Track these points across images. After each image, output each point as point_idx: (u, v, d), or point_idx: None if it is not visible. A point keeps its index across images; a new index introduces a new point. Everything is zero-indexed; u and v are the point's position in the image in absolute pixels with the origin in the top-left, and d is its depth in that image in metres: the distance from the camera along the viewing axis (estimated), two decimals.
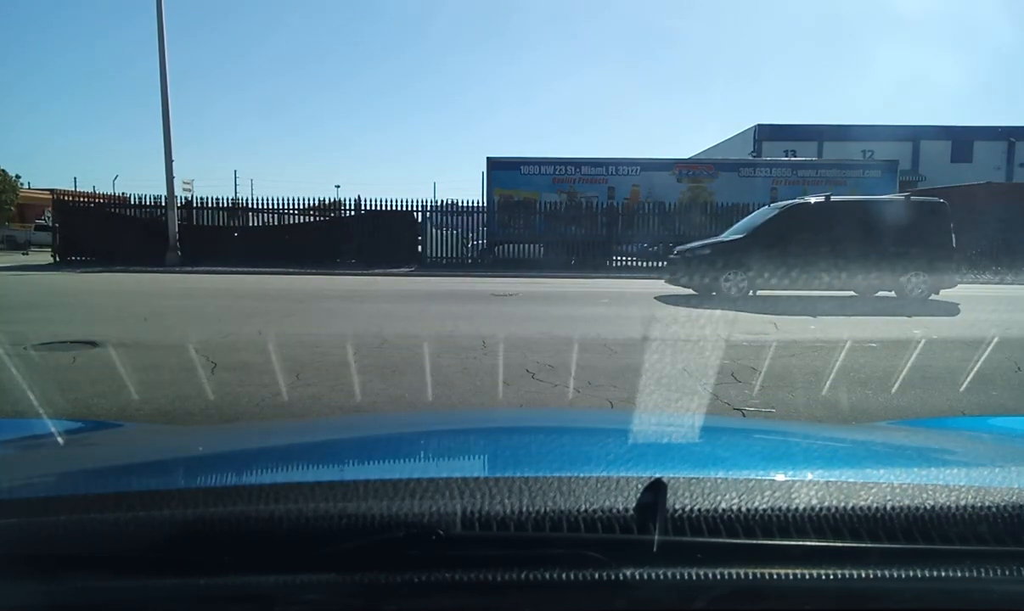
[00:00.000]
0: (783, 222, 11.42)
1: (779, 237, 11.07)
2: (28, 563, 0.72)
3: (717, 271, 10.98)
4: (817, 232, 11.03)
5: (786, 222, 11.39)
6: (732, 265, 11.00)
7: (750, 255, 10.92)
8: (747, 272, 10.94)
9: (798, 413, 4.40)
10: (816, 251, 10.68)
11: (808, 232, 11.04)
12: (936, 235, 11.33)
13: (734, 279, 10.96)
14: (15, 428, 1.48)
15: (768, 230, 11.34)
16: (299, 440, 1.38)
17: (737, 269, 10.97)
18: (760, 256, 10.80)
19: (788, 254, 10.67)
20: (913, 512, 0.76)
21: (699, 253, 11.46)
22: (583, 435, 1.41)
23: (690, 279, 11.29)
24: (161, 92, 18.69)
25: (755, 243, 11.11)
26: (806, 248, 10.72)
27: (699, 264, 11.16)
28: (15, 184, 35.40)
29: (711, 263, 11.11)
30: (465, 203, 21.83)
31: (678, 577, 0.70)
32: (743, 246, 11.20)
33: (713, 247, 11.57)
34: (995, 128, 34.94)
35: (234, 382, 5.01)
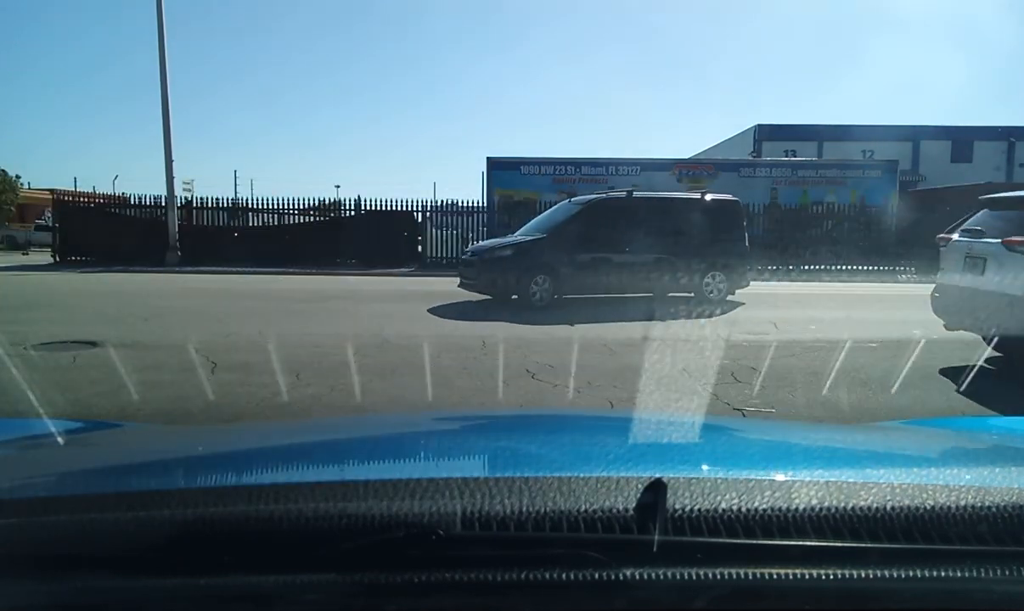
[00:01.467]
0: (585, 220, 10.32)
1: (582, 236, 10.07)
2: (28, 563, 0.72)
3: (519, 274, 9.78)
4: (621, 231, 10.14)
5: (588, 220, 10.32)
6: (535, 268, 9.82)
7: (552, 256, 9.92)
8: (550, 275, 9.84)
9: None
10: (620, 251, 10.08)
11: (611, 230, 10.12)
12: (731, 234, 10.88)
13: (537, 284, 9.78)
14: (15, 428, 1.47)
15: (570, 228, 10.21)
16: (299, 440, 1.38)
17: (539, 272, 9.81)
18: (563, 258, 9.89)
19: (592, 255, 10.02)
20: (913, 512, 0.76)
21: (499, 254, 10.25)
22: (583, 435, 1.41)
23: (488, 283, 10.09)
24: (161, 92, 18.70)
25: (557, 243, 10.02)
26: (610, 248, 10.08)
27: (498, 267, 10.01)
28: (15, 184, 35.38)
29: (512, 265, 9.91)
30: (465, 203, 21.83)
31: (678, 577, 0.70)
32: (545, 246, 10.05)
33: (516, 248, 10.26)
34: (995, 128, 34.92)
35: (234, 382, 5.01)
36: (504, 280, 9.91)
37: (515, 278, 9.81)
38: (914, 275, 17.93)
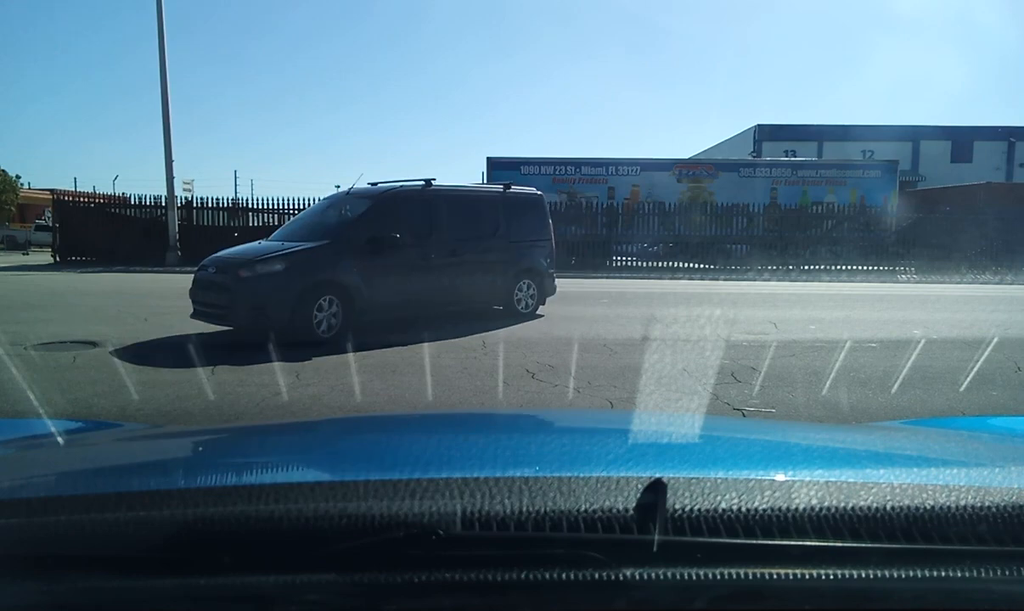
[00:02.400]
0: (377, 219, 7.65)
1: (376, 241, 7.41)
2: (28, 563, 0.72)
3: (297, 297, 6.79)
4: (420, 231, 7.89)
5: (380, 218, 7.66)
6: (320, 287, 6.99)
7: (342, 269, 7.19)
8: (340, 295, 7.09)
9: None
10: (423, 258, 7.81)
11: (409, 232, 7.72)
12: (539, 234, 9.26)
13: (323, 309, 6.94)
14: (15, 428, 1.48)
15: (360, 230, 7.50)
16: (299, 440, 1.38)
17: (326, 292, 6.99)
18: (355, 270, 7.24)
19: (390, 264, 7.50)
20: (913, 512, 0.76)
21: (264, 269, 6.94)
22: (583, 435, 1.41)
23: (248, 312, 6.74)
24: (161, 93, 18.70)
25: (346, 250, 7.30)
26: (410, 255, 7.71)
27: (265, 287, 6.81)
28: (15, 184, 35.39)
29: (286, 285, 6.81)
30: None
31: (678, 577, 0.70)
32: (330, 255, 7.23)
33: (289, 259, 7.04)
34: (995, 128, 34.94)
35: (234, 382, 5.01)
36: (275, 307, 6.67)
37: (291, 303, 6.72)
38: (914, 275, 17.97)
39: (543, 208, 9.51)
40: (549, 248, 9.39)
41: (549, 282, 9.30)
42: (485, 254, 8.55)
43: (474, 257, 8.38)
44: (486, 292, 8.59)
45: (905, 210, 21.69)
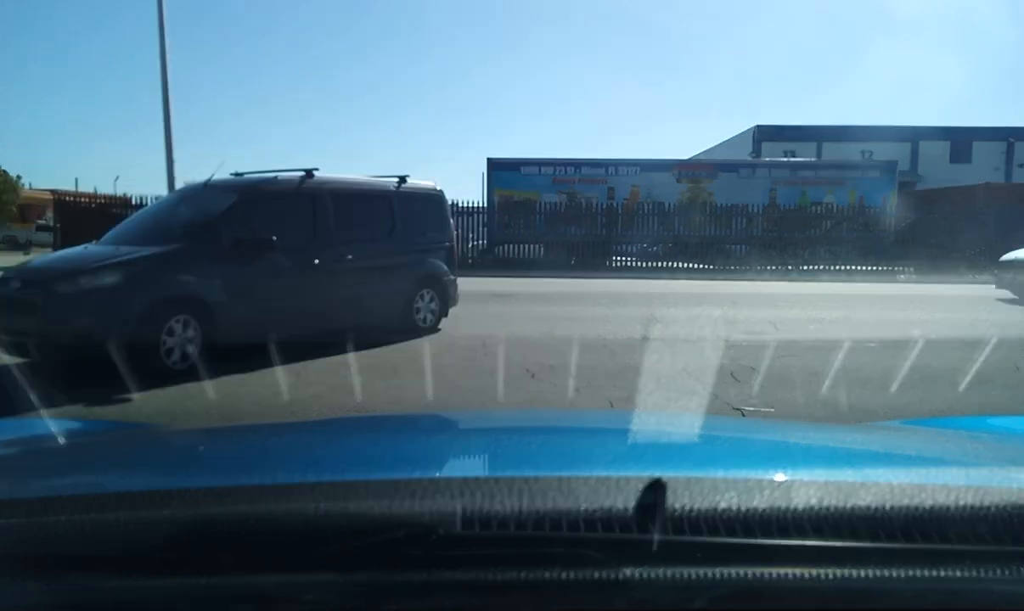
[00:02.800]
0: (243, 218, 6.14)
1: (242, 246, 5.92)
2: (28, 563, 0.72)
3: (141, 316, 5.28)
4: (297, 234, 6.44)
5: (247, 218, 6.16)
6: (171, 304, 5.54)
7: (200, 280, 5.76)
8: (197, 314, 5.58)
9: None
10: (303, 267, 6.39)
11: (284, 235, 6.18)
12: (440, 235, 8.01)
13: (177, 332, 5.43)
14: (15, 428, 1.48)
15: (222, 232, 5.94)
16: (299, 440, 1.38)
17: (179, 310, 5.52)
18: (216, 281, 5.80)
19: (260, 274, 6.06)
20: (913, 512, 0.76)
21: (94, 282, 5.42)
22: (583, 435, 1.41)
23: (75, 335, 5.10)
24: (162, 93, 18.70)
25: (204, 257, 5.85)
26: (286, 263, 6.26)
27: (97, 305, 5.28)
28: (16, 184, 35.39)
29: (126, 301, 5.34)
30: (465, 203, 21.82)
31: (678, 577, 0.70)
32: (184, 263, 5.79)
33: (129, 269, 5.55)
34: (994, 128, 34.95)
35: (234, 382, 5.01)
36: (107, 332, 4.75)
37: (131, 326, 5.12)
38: (913, 275, 17.97)
39: (443, 205, 8.28)
40: (450, 251, 8.19)
41: (453, 290, 8.02)
42: (379, 259, 7.20)
43: (366, 263, 7.00)
44: (381, 305, 7.13)
45: (904, 210, 21.70)
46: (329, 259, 6.60)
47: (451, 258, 8.15)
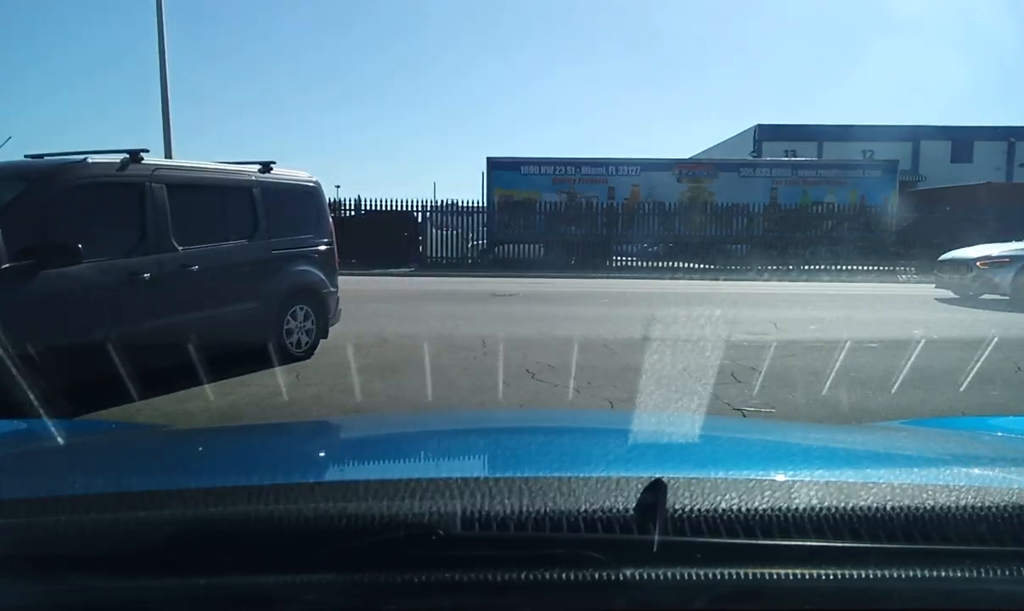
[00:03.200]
0: (38, 215, 4.53)
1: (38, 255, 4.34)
2: (28, 563, 0.72)
3: None
4: (126, 240, 4.96)
5: (45, 216, 4.55)
6: None
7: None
8: None
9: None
10: (127, 281, 4.78)
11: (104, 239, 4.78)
12: (316, 237, 6.43)
13: None
14: (15, 428, 1.48)
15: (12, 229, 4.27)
16: (299, 440, 1.38)
17: None
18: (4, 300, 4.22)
19: (64, 293, 4.45)
20: (913, 512, 0.76)
21: None
22: (583, 435, 1.41)
23: None
24: (161, 93, 18.70)
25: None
26: (102, 276, 4.68)
27: None
28: None
29: None
30: (465, 203, 21.84)
31: (678, 577, 0.70)
32: None
33: None
34: (995, 128, 34.92)
35: (234, 382, 5.01)
36: None
37: None
38: (914, 275, 17.96)
39: (320, 200, 6.70)
40: (330, 257, 6.58)
41: (333, 304, 6.52)
42: (236, 269, 5.65)
43: (218, 275, 5.44)
44: (239, 326, 5.50)
45: (905, 210, 21.69)
46: (164, 271, 4.98)
47: (331, 265, 6.58)
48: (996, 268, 10.79)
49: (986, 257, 11.10)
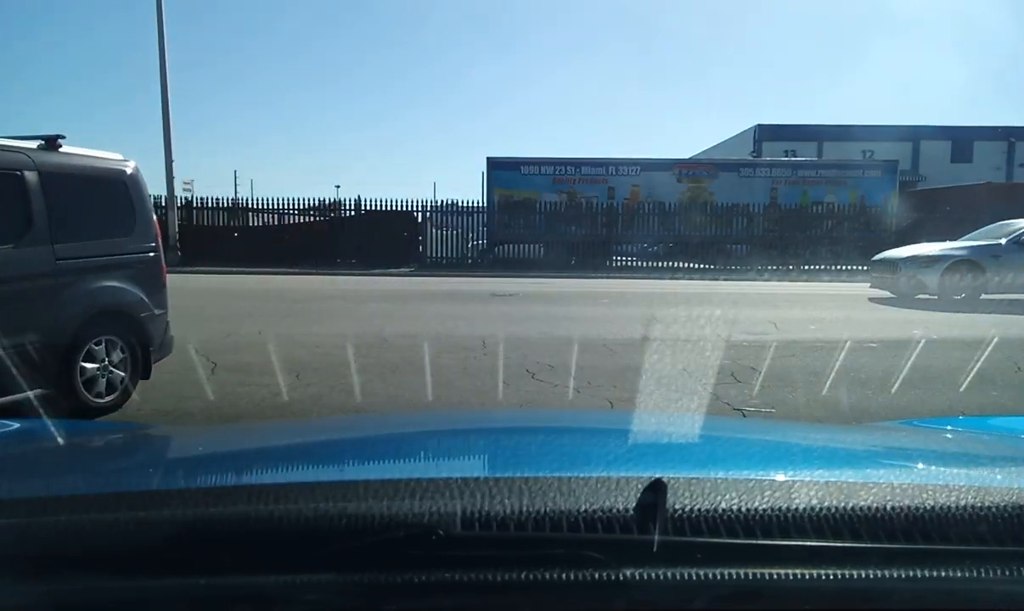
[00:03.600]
0: None
1: None
2: (28, 563, 0.72)
3: None
4: None
5: None
6: None
7: None
8: None
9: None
10: None
11: None
12: (124, 239, 4.78)
13: None
14: (15, 428, 1.48)
15: None
16: (299, 440, 1.38)
17: None
18: None
19: None
20: (913, 512, 0.76)
21: None
22: (583, 435, 1.41)
23: None
24: (161, 92, 18.70)
25: None
26: None
27: None
28: None
29: None
30: (465, 203, 21.84)
31: (678, 577, 0.70)
32: None
33: None
34: (995, 128, 34.92)
35: (234, 382, 5.01)
36: None
37: None
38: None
39: (138, 191, 4.95)
40: (154, 268, 5.00)
41: (159, 331, 4.89)
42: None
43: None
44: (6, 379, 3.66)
45: (905, 210, 21.68)
46: None
47: (155, 278, 4.98)
48: (923, 268, 10.95)
49: (914, 257, 11.27)
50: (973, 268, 10.76)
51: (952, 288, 10.64)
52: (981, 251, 11.05)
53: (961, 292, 10.63)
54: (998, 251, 10.97)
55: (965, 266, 10.78)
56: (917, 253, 11.38)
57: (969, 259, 10.87)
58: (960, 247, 11.42)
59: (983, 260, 10.84)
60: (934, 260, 10.94)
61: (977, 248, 11.22)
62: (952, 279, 10.67)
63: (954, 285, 10.64)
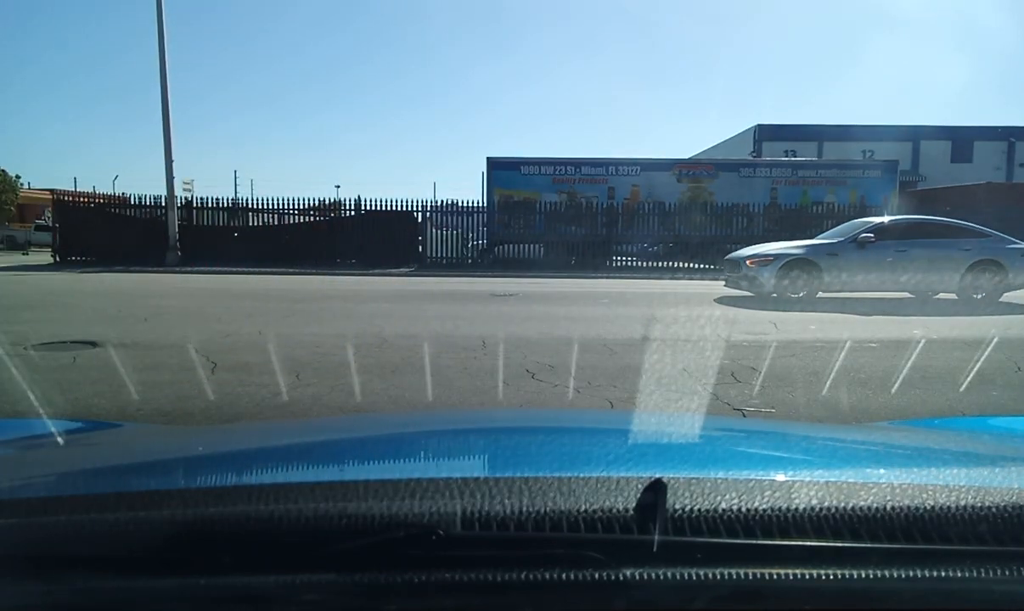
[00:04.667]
0: None
1: None
2: (28, 563, 0.72)
3: None
4: None
5: None
6: None
7: None
8: None
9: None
10: None
11: None
12: None
13: None
14: (15, 428, 1.48)
15: None
16: (299, 440, 1.38)
17: None
18: None
19: None
20: (913, 512, 0.76)
21: None
22: (583, 435, 1.41)
23: None
24: (161, 92, 18.69)
25: None
26: None
27: None
28: (15, 184, 35.38)
29: None
30: (465, 203, 21.85)
31: (678, 577, 0.70)
32: None
33: None
34: (995, 128, 34.92)
35: (234, 382, 5.01)
36: None
37: None
38: None
39: None
40: None
41: None
42: None
43: None
44: None
45: (905, 210, 21.69)
46: None
47: None
48: (761, 267, 11.07)
49: (753, 255, 11.45)
50: (809, 267, 10.91)
51: (789, 287, 10.77)
52: (817, 250, 11.23)
53: (799, 291, 10.77)
54: (834, 250, 11.15)
55: (800, 265, 10.93)
56: (756, 252, 11.58)
57: (805, 258, 11.03)
58: (797, 246, 11.60)
59: (819, 259, 11.00)
60: (770, 259, 11.08)
61: (813, 247, 11.42)
62: (788, 278, 10.80)
63: (791, 284, 10.79)
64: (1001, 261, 11.03)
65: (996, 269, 10.97)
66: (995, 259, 11.05)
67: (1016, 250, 11.25)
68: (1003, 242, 11.40)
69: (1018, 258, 11.15)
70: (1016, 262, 11.09)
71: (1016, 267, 11.04)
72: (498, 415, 2.77)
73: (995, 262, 11.02)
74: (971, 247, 11.14)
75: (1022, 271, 11.11)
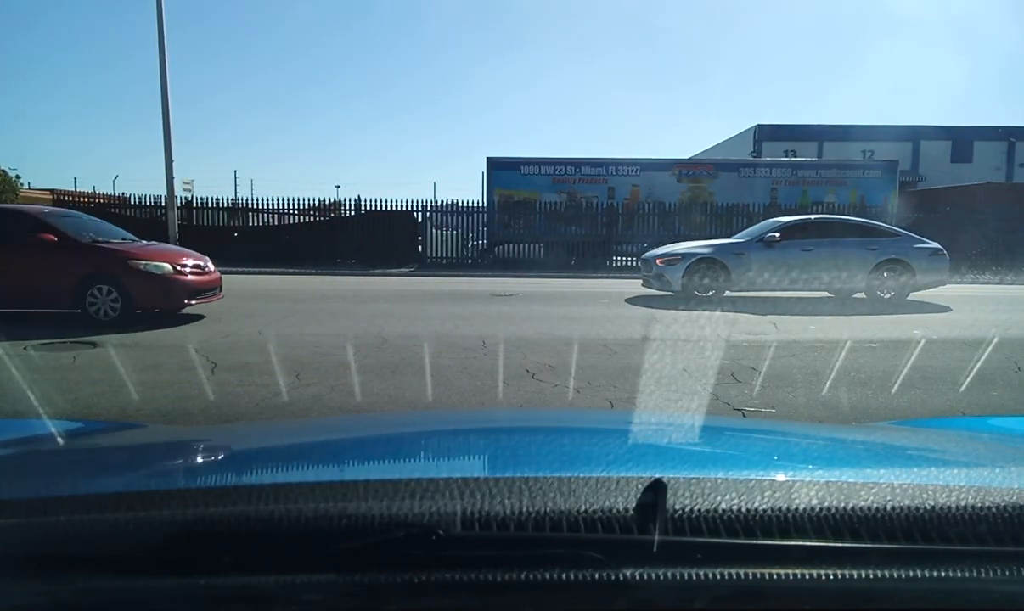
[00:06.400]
0: None
1: None
2: (28, 563, 0.72)
3: None
4: None
5: None
6: None
7: None
8: None
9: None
10: None
11: None
12: None
13: None
14: (15, 428, 1.48)
15: None
16: (299, 440, 1.38)
17: None
18: None
19: None
20: (913, 512, 0.76)
21: None
22: (583, 435, 1.41)
23: None
24: (161, 92, 18.69)
25: None
26: None
27: None
28: (15, 184, 35.36)
29: None
30: (465, 203, 21.82)
31: (678, 577, 0.70)
32: None
33: None
34: (995, 128, 34.90)
35: (234, 382, 5.01)
36: None
37: None
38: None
39: None
40: None
41: None
42: None
43: None
44: None
45: (905, 210, 21.70)
46: None
47: None
48: (669, 266, 11.16)
49: (662, 254, 11.55)
50: (715, 266, 10.98)
51: (695, 285, 10.85)
52: (724, 250, 11.30)
53: (707, 290, 10.82)
54: (741, 250, 11.23)
55: (708, 264, 10.99)
56: (665, 251, 11.68)
57: (712, 258, 11.08)
58: (704, 246, 11.67)
59: (726, 259, 11.05)
60: (678, 258, 11.16)
61: (720, 247, 11.49)
62: (695, 277, 10.88)
63: (697, 283, 10.87)
64: (908, 260, 11.09)
65: (903, 268, 11.03)
66: (901, 259, 11.11)
67: (923, 249, 11.31)
68: (911, 242, 11.47)
69: (925, 258, 11.22)
70: (923, 262, 11.16)
71: (923, 267, 11.13)
72: (498, 415, 2.77)
73: (901, 262, 11.08)
74: (878, 246, 11.20)
75: (930, 271, 11.20)
